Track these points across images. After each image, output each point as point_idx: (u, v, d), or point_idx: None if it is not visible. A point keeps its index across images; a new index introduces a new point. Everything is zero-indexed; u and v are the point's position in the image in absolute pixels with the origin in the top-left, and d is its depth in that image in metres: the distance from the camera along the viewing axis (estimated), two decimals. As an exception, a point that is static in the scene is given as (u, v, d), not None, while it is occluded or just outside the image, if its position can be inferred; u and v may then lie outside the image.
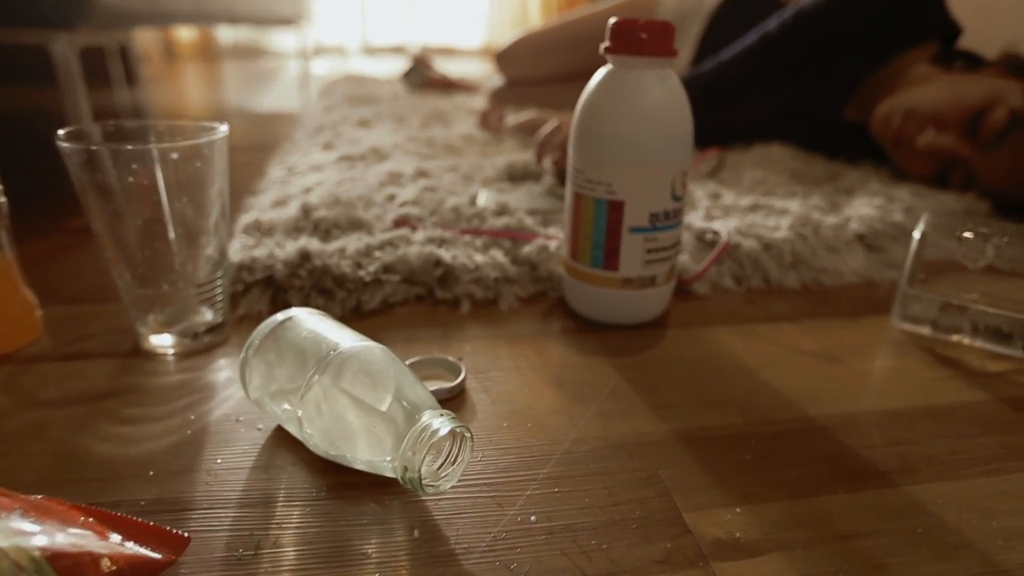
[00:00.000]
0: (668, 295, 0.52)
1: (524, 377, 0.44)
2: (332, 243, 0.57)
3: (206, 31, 3.47)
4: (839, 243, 0.65)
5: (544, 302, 0.56)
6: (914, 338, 0.52)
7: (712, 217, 0.71)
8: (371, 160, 0.91)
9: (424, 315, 0.53)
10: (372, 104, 1.43)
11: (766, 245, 0.62)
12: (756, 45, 0.99)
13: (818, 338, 0.51)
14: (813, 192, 0.80)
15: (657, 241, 0.49)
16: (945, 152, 0.81)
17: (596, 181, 0.48)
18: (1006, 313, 0.48)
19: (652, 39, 0.46)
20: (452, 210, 0.67)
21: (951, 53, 0.91)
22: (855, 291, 0.61)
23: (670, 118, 0.46)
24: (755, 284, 0.61)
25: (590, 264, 0.50)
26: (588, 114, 0.48)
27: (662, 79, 0.47)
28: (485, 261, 0.56)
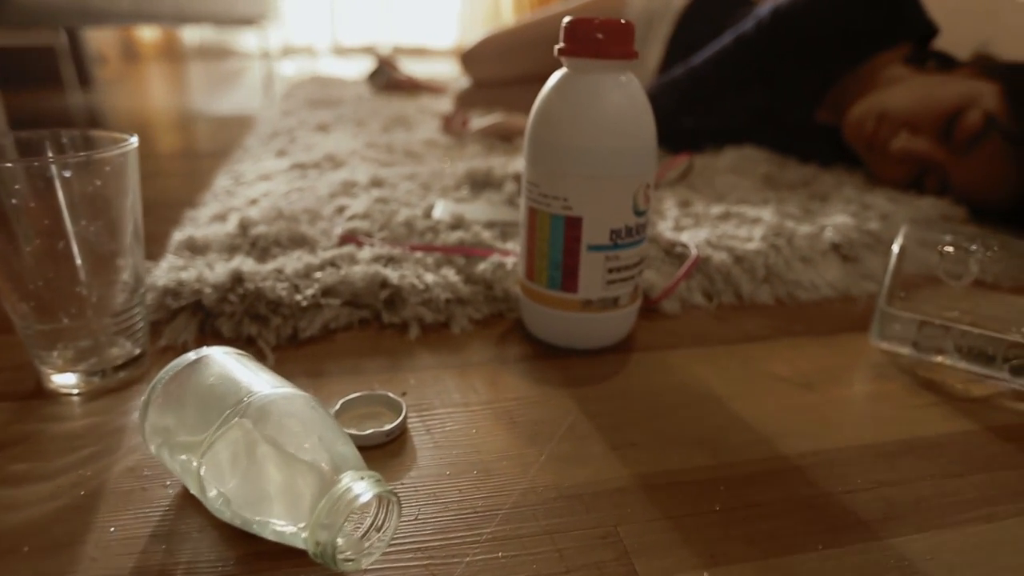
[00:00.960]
0: (633, 316, 0.49)
1: (473, 414, 0.40)
2: (269, 263, 0.52)
3: (170, 31, 3.38)
4: (814, 254, 0.62)
5: (500, 324, 0.52)
6: (894, 359, 0.49)
7: (681, 227, 0.67)
8: (325, 168, 0.86)
9: (369, 342, 0.49)
10: (334, 107, 1.38)
11: (738, 258, 0.59)
12: (732, 46, 0.96)
13: (793, 361, 0.48)
14: (786, 198, 0.77)
15: (619, 259, 0.45)
16: (919, 156, 0.78)
17: (551, 196, 0.44)
18: (989, 333, 0.45)
19: (610, 40, 0.42)
20: (404, 224, 0.62)
21: (924, 54, 0.89)
22: (831, 306, 0.58)
23: (631, 126, 0.42)
24: (727, 300, 0.57)
25: (547, 285, 0.46)
26: (541, 122, 0.44)
27: (621, 84, 0.43)
28: (436, 281, 0.51)
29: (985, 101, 0.74)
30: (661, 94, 0.96)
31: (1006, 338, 0.44)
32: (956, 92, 0.76)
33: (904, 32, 0.90)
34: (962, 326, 0.46)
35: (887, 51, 0.91)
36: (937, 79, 0.81)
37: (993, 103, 0.74)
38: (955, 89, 0.77)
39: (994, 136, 0.73)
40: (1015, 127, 0.72)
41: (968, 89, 0.76)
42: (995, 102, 0.74)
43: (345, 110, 1.32)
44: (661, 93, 0.96)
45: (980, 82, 0.77)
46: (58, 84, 1.77)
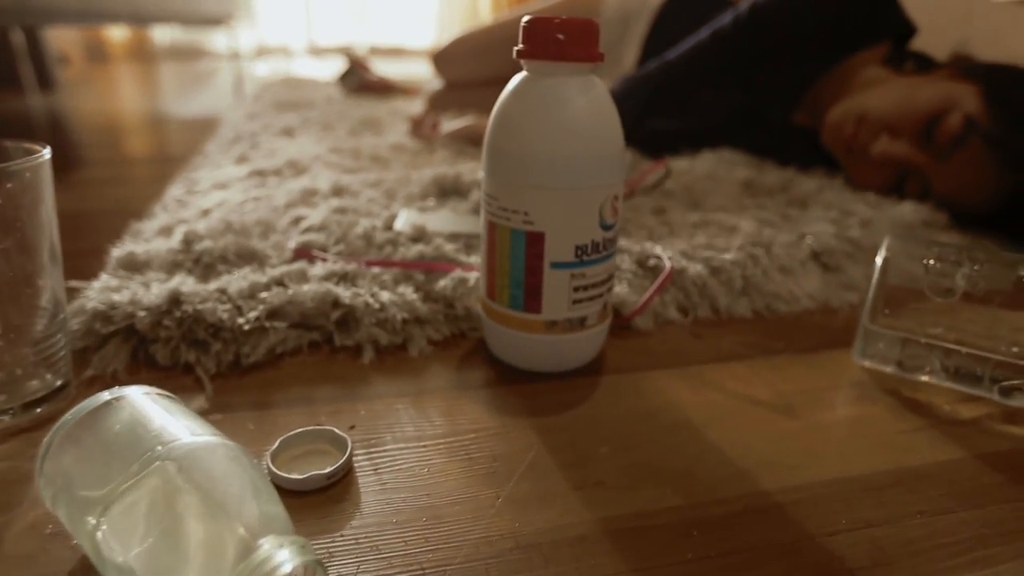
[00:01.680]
0: (602, 336, 0.46)
1: (427, 450, 0.37)
2: (212, 282, 0.49)
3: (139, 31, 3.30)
4: (793, 263, 0.59)
5: (462, 345, 0.49)
6: (878, 378, 0.46)
7: (656, 237, 0.64)
8: (286, 175, 0.82)
9: (319, 367, 0.45)
10: (302, 110, 1.34)
11: (714, 269, 0.56)
12: (708, 42, 0.93)
13: (772, 382, 0.45)
14: (765, 204, 0.74)
15: (585, 277, 0.42)
16: (900, 160, 0.76)
17: (511, 209, 0.40)
18: (976, 352, 0.42)
19: (572, 41, 0.38)
20: (363, 237, 0.59)
21: (902, 54, 0.87)
22: (811, 319, 0.55)
23: (596, 134, 0.39)
24: (703, 314, 0.54)
25: (509, 305, 0.43)
26: (499, 130, 0.40)
27: (585, 88, 0.39)
28: (392, 299, 0.48)
29: (965, 104, 0.72)
30: (631, 90, 0.93)
31: (993, 357, 0.42)
32: (936, 94, 0.74)
33: (882, 31, 0.88)
34: (948, 344, 0.43)
35: (865, 51, 0.89)
36: (916, 81, 0.79)
37: (973, 105, 0.72)
38: (935, 91, 0.75)
39: (974, 139, 0.71)
40: (995, 130, 0.70)
41: (948, 91, 0.74)
42: (975, 104, 0.72)
43: (313, 113, 1.28)
44: (631, 89, 0.93)
45: (959, 84, 0.74)
46: (16, 86, 1.71)
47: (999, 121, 0.70)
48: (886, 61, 0.87)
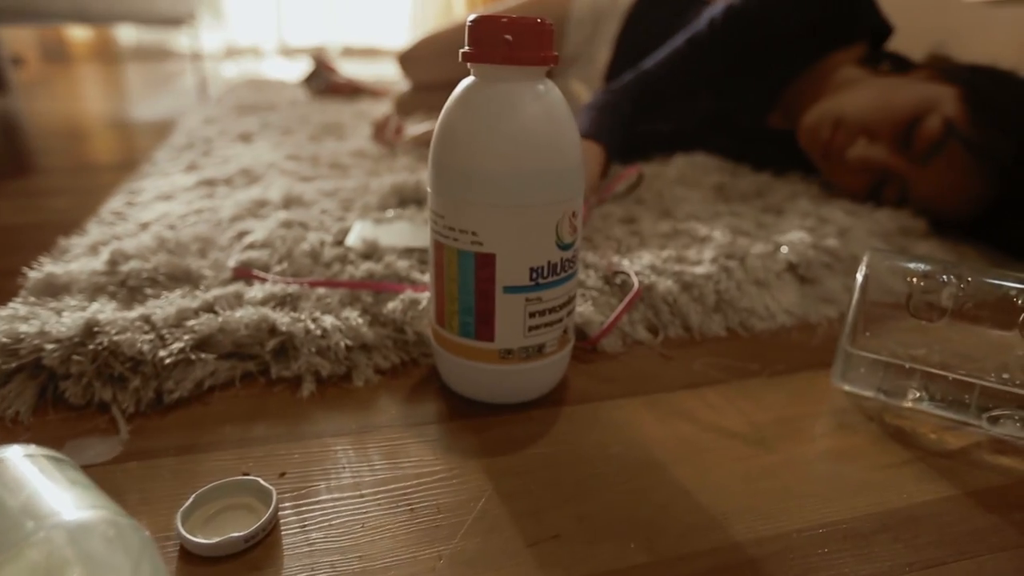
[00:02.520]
0: (563, 364, 0.42)
1: (364, 500, 0.33)
2: (137, 308, 0.44)
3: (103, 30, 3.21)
4: (769, 276, 0.56)
5: (413, 373, 0.45)
6: (859, 403, 0.43)
7: (626, 248, 0.61)
8: (238, 184, 0.78)
9: (252, 402, 0.41)
10: (263, 113, 1.29)
11: (685, 285, 0.53)
12: (685, 49, 0.90)
13: (747, 410, 0.42)
14: (739, 211, 0.71)
15: (542, 302, 0.38)
16: (877, 165, 0.73)
17: (458, 229, 0.37)
18: (961, 377, 0.39)
19: (522, 42, 0.35)
20: (309, 253, 0.54)
21: (879, 55, 0.85)
22: (788, 336, 0.52)
23: (550, 145, 0.36)
24: (674, 333, 0.51)
25: (459, 333, 0.39)
26: (444, 142, 0.37)
27: (538, 94, 0.36)
28: (335, 324, 0.44)
29: (944, 106, 0.69)
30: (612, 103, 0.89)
31: (979, 383, 0.39)
32: (914, 97, 0.72)
33: (858, 31, 0.85)
34: (932, 370, 0.40)
35: (841, 51, 0.86)
36: (894, 82, 0.76)
37: (952, 108, 0.69)
38: (913, 94, 0.72)
39: (954, 144, 0.68)
40: (975, 134, 0.67)
41: (926, 93, 0.71)
42: (954, 107, 0.69)
43: (274, 117, 1.23)
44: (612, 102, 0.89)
45: (938, 86, 0.72)
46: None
47: (979, 124, 0.68)
48: (862, 62, 0.84)
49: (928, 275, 0.41)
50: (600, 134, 0.80)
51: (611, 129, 0.83)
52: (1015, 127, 0.67)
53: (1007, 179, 0.67)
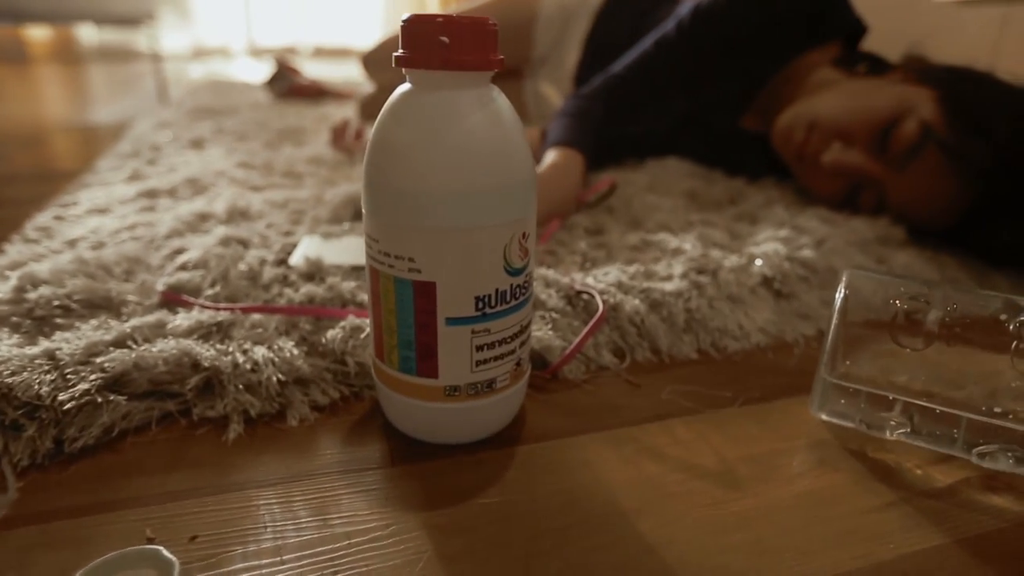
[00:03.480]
0: (518, 398, 0.38)
1: (284, 570, 0.29)
2: (43, 342, 0.39)
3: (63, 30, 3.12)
4: (743, 291, 0.53)
5: (355, 409, 0.41)
6: (840, 434, 0.40)
7: (591, 262, 0.57)
8: (182, 195, 0.73)
9: (170, 449, 0.36)
10: (221, 117, 1.23)
11: (654, 303, 0.49)
12: (653, 50, 0.87)
13: (719, 446, 0.38)
14: (712, 220, 0.68)
15: (490, 333, 0.34)
16: (853, 170, 0.71)
17: (393, 255, 0.33)
18: (946, 410, 0.36)
19: (461, 44, 0.31)
20: (247, 275, 0.50)
21: (854, 55, 0.82)
22: (763, 358, 0.48)
23: (496, 160, 0.32)
24: (642, 357, 0.47)
25: (399, 368, 0.35)
26: (376, 158, 0.32)
27: (482, 103, 0.32)
28: (268, 357, 0.40)
29: (921, 109, 0.67)
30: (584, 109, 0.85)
31: (968, 416, 0.36)
32: (890, 99, 0.69)
33: (830, 30, 0.82)
34: (917, 401, 0.37)
35: (814, 51, 0.83)
36: (870, 84, 0.74)
37: (929, 111, 0.66)
38: (889, 96, 0.69)
39: (931, 148, 0.66)
40: (953, 138, 0.65)
41: (903, 96, 0.69)
42: (931, 110, 0.66)
43: (231, 121, 1.17)
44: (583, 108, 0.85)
45: (915, 88, 0.69)
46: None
47: (956, 128, 0.65)
48: (838, 63, 0.82)
49: (912, 297, 0.37)
50: (579, 142, 0.76)
51: (588, 136, 0.80)
52: (992, 131, 0.64)
53: (985, 184, 0.65)
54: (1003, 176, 0.64)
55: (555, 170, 0.70)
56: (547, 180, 0.67)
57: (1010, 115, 0.64)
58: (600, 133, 0.83)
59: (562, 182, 0.68)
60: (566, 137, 0.76)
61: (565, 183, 0.69)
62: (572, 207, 0.70)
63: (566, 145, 0.75)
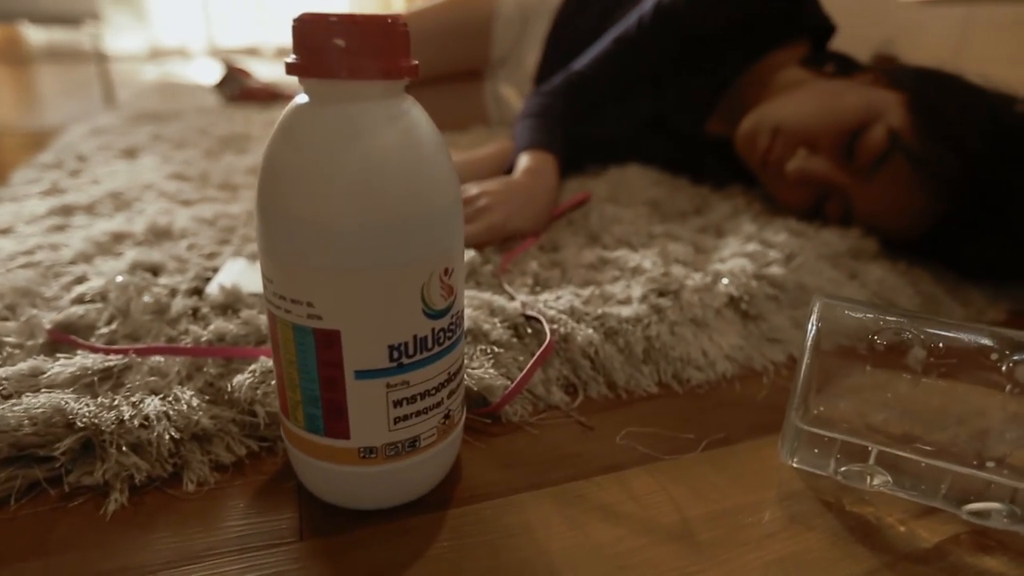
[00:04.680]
0: (448, 454, 0.33)
1: None
2: None
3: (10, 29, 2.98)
4: (707, 313, 0.49)
5: (265, 467, 0.35)
6: (814, 484, 0.35)
7: (542, 284, 0.52)
8: (102, 211, 0.66)
9: (33, 528, 0.31)
10: (163, 123, 1.16)
11: (610, 332, 0.45)
12: (613, 48, 0.83)
13: (680, 501, 0.34)
14: (675, 232, 0.64)
15: (409, 386, 0.29)
16: (818, 180, 0.67)
17: (290, 298, 0.27)
18: (931, 462, 0.32)
19: (363, 48, 0.26)
20: (152, 307, 0.44)
21: (822, 55, 0.78)
22: (730, 390, 0.44)
23: (409, 186, 0.27)
24: (596, 393, 0.43)
25: (306, 427, 0.30)
26: (267, 184, 0.27)
27: (391, 117, 0.27)
28: (160, 410, 0.34)
29: (889, 115, 0.63)
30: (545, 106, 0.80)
31: (954, 469, 0.32)
32: (858, 104, 0.65)
33: (798, 28, 0.79)
34: (898, 452, 0.32)
35: (781, 50, 0.80)
36: (837, 86, 0.70)
37: (897, 118, 0.63)
38: (856, 100, 0.66)
39: (899, 158, 0.62)
40: (921, 148, 0.61)
41: (871, 101, 0.65)
42: (900, 116, 0.63)
43: (172, 128, 1.11)
44: (545, 105, 0.80)
45: (883, 91, 0.66)
46: None
47: (924, 137, 0.61)
48: (804, 62, 0.78)
49: (894, 332, 0.33)
50: (549, 143, 0.72)
51: (557, 136, 0.75)
52: (962, 140, 0.60)
53: (953, 196, 0.61)
54: (973, 188, 0.60)
55: (530, 178, 0.65)
56: (522, 190, 0.62)
57: (980, 124, 0.61)
58: (568, 128, 0.78)
59: (539, 191, 0.64)
60: (535, 139, 0.72)
61: (542, 192, 0.64)
62: (549, 220, 0.65)
63: (537, 148, 0.70)
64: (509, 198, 0.61)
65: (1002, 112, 0.62)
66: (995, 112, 0.62)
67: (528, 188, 0.63)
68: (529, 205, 0.62)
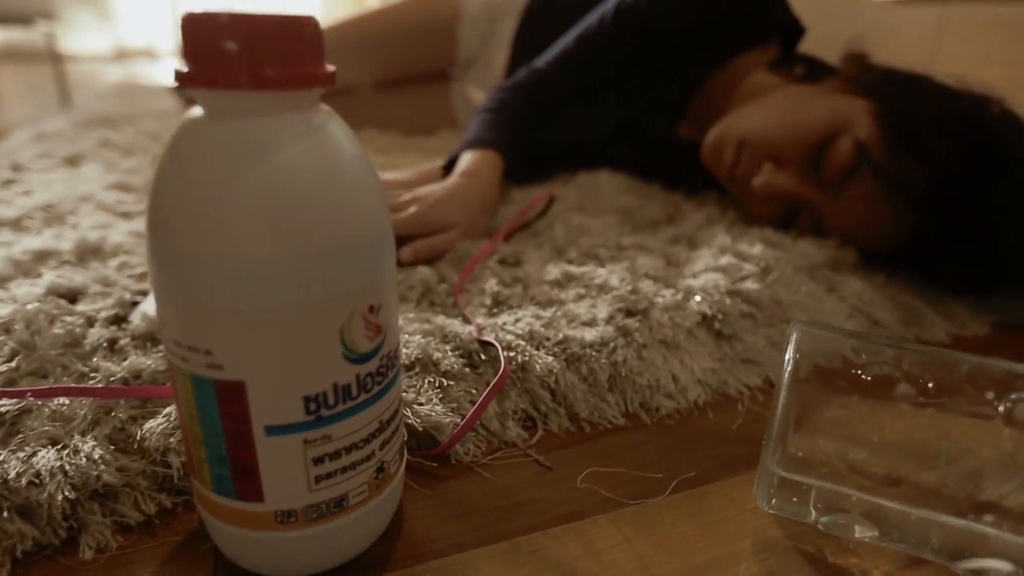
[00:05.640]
0: (384, 509, 0.29)
1: None
2: None
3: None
4: (678, 334, 0.45)
5: (179, 524, 0.31)
6: (793, 532, 0.32)
7: (501, 304, 0.49)
8: (29, 227, 0.61)
9: (-101, 608, 0.26)
10: (116, 127, 1.11)
11: (572, 359, 0.41)
12: (574, 46, 0.79)
13: (645, 554, 0.30)
14: (646, 242, 0.60)
15: (332, 441, 0.25)
16: (785, 195, 0.64)
17: (186, 345, 0.24)
18: (920, 514, 0.29)
19: (260, 54, 0.22)
20: (64, 339, 0.40)
21: (791, 58, 0.76)
22: (703, 421, 0.41)
23: (323, 212, 0.23)
24: (557, 426, 0.39)
25: (214, 489, 0.26)
26: (156, 213, 0.23)
27: (300, 134, 0.23)
28: (54, 465, 0.30)
29: (857, 126, 0.60)
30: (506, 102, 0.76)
31: (944, 520, 0.28)
32: (823, 115, 0.62)
33: (765, 30, 0.76)
34: (884, 502, 0.29)
35: (749, 52, 0.77)
36: (804, 93, 0.67)
37: (865, 128, 0.59)
38: (822, 111, 0.62)
39: (867, 172, 0.59)
40: (889, 162, 0.58)
41: (838, 110, 0.62)
42: (867, 126, 0.59)
43: (123, 133, 1.05)
44: (505, 100, 0.77)
45: (851, 99, 0.63)
46: None
47: (892, 150, 0.58)
48: (773, 66, 0.75)
49: (879, 364, 0.30)
50: (497, 140, 0.67)
51: (509, 134, 0.71)
52: (931, 151, 0.57)
53: (925, 210, 0.58)
54: (947, 200, 0.57)
55: (466, 179, 0.61)
56: (451, 198, 0.58)
57: (952, 131, 0.58)
58: (524, 125, 0.74)
59: (470, 197, 0.59)
60: (481, 134, 0.68)
61: (476, 188, 0.61)
62: (485, 224, 0.61)
63: (481, 145, 0.66)
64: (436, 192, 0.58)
65: (975, 116, 0.59)
66: (967, 116, 0.59)
67: (455, 195, 0.58)
68: (458, 196, 0.58)
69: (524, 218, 0.65)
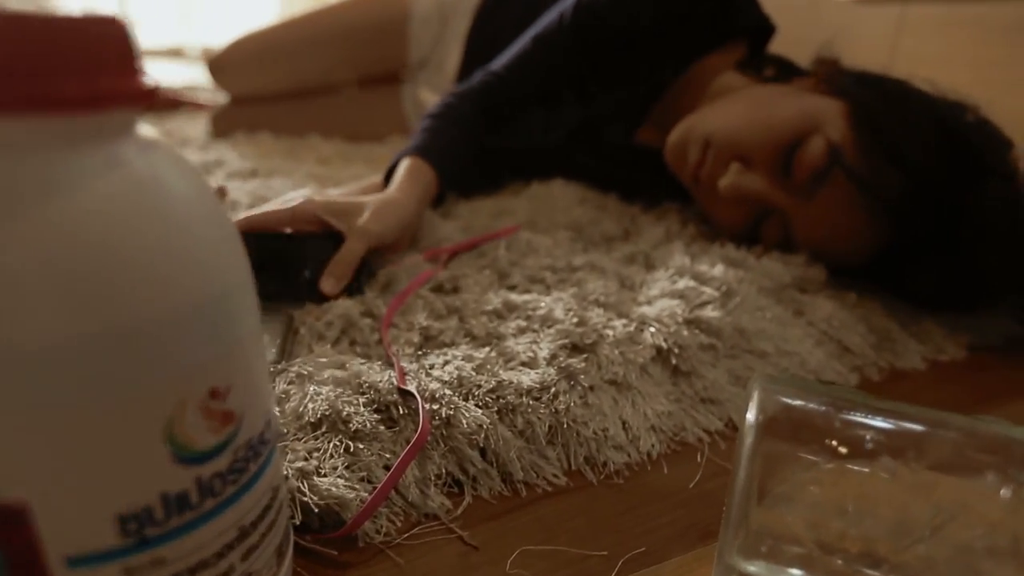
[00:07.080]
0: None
1: None
2: None
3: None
4: (629, 372, 0.40)
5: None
6: (756, 625, 0.27)
7: (430, 342, 0.43)
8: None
9: None
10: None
11: (505, 410, 0.36)
12: (531, 47, 0.74)
13: (579, 669, 0.25)
14: (599, 262, 0.55)
15: (168, 564, 0.20)
16: (752, 198, 0.59)
17: (-55, 455, 0.18)
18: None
19: (25, 66, 0.16)
20: None
21: (760, 59, 0.71)
22: (656, 477, 0.36)
23: (125, 271, 0.17)
24: (488, 491, 0.34)
25: (12, 630, 0.20)
26: None
27: (98, 171, 0.17)
28: None
29: (829, 127, 0.56)
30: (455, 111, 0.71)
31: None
32: (795, 113, 0.58)
33: (733, 29, 0.72)
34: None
35: (715, 53, 0.73)
36: (774, 93, 0.63)
37: (838, 129, 0.55)
38: (794, 109, 0.58)
39: (838, 174, 0.55)
40: (862, 164, 0.54)
41: (808, 110, 0.58)
42: (840, 128, 0.56)
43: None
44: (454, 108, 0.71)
45: (824, 99, 0.59)
46: None
47: (866, 152, 0.54)
48: (741, 66, 0.71)
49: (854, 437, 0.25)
50: (429, 149, 0.62)
51: (448, 144, 0.65)
52: (906, 155, 0.53)
53: (900, 218, 0.54)
54: (922, 209, 0.54)
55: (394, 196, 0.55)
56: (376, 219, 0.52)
57: (927, 137, 0.54)
58: (469, 132, 0.69)
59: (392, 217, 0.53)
60: (418, 142, 0.63)
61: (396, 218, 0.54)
62: (406, 245, 0.56)
63: (412, 155, 0.60)
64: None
65: (951, 123, 0.55)
66: (943, 123, 0.55)
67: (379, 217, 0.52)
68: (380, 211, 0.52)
69: (475, 245, 0.59)
